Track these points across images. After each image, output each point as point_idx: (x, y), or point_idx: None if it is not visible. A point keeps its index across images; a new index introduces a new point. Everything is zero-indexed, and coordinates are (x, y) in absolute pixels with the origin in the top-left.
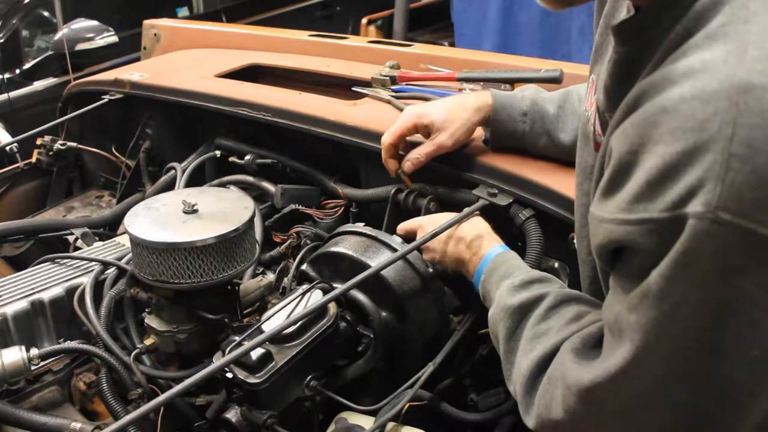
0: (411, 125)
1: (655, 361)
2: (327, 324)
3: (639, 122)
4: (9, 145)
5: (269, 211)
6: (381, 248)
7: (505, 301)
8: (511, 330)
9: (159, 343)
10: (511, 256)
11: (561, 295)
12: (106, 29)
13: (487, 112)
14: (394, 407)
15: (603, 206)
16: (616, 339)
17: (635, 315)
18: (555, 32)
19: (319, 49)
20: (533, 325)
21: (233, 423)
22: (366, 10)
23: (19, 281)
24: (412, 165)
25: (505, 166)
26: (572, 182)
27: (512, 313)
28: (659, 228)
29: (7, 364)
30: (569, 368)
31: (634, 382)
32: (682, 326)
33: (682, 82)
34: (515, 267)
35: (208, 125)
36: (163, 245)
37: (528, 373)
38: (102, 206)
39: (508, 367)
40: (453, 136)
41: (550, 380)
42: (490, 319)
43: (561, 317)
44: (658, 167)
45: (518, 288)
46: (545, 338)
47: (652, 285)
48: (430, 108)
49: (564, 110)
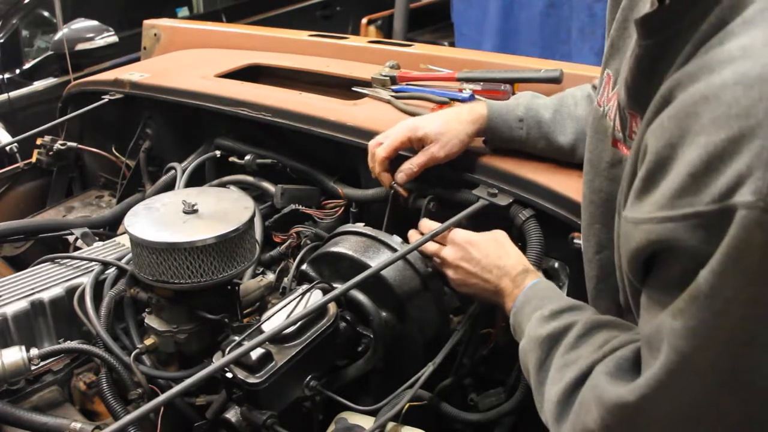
0: (405, 138)
1: (702, 366)
2: (327, 324)
3: (677, 114)
4: (9, 145)
5: (269, 211)
6: (381, 248)
7: (534, 332)
8: (541, 360)
9: (159, 343)
10: (542, 287)
11: (590, 322)
12: (106, 29)
13: (482, 124)
14: (394, 407)
15: (639, 207)
16: (655, 352)
17: (681, 320)
18: (555, 32)
19: (319, 49)
20: (563, 354)
21: (233, 423)
22: (366, 10)
23: (19, 281)
24: (405, 176)
25: (505, 166)
26: (572, 182)
27: (541, 343)
28: (706, 222)
29: (7, 364)
30: (605, 390)
31: (678, 393)
32: (732, 325)
33: (722, 69)
34: (546, 298)
35: (208, 125)
36: (163, 245)
37: (557, 400)
38: (102, 206)
39: (539, 398)
40: (445, 148)
41: (582, 405)
42: (520, 351)
43: (590, 345)
44: (702, 158)
45: (548, 318)
46: (574, 366)
47: (702, 284)
48: (424, 121)
49: (560, 114)
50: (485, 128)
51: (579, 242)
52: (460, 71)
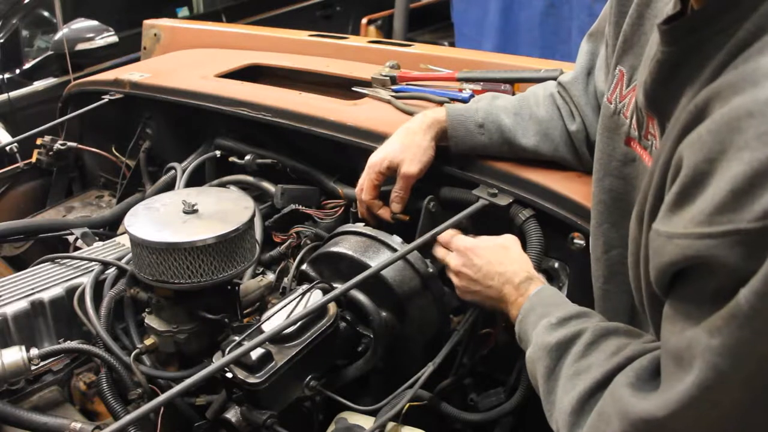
0: (376, 174)
1: (737, 383)
2: (327, 324)
3: (717, 128)
4: (9, 145)
5: (269, 211)
6: (381, 248)
7: (542, 340)
8: (550, 369)
9: (159, 343)
10: (547, 294)
11: (599, 329)
12: (106, 29)
13: (439, 127)
14: (394, 407)
15: (673, 221)
16: (685, 366)
17: (719, 338)
18: (555, 32)
19: (319, 49)
20: (573, 362)
21: (233, 423)
22: (366, 10)
23: (19, 281)
24: (398, 204)
25: (505, 166)
26: (572, 182)
27: (550, 351)
28: (747, 240)
29: (7, 364)
30: (629, 403)
31: (709, 410)
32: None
33: (766, 83)
34: (552, 305)
35: (208, 125)
36: (163, 245)
37: (571, 410)
38: (102, 206)
39: (548, 407)
40: (413, 162)
41: (601, 417)
42: (528, 359)
43: (601, 352)
44: (746, 174)
45: (555, 326)
46: (586, 375)
47: (743, 303)
48: (384, 149)
49: (521, 116)
50: (447, 134)
51: (579, 242)
52: (460, 71)
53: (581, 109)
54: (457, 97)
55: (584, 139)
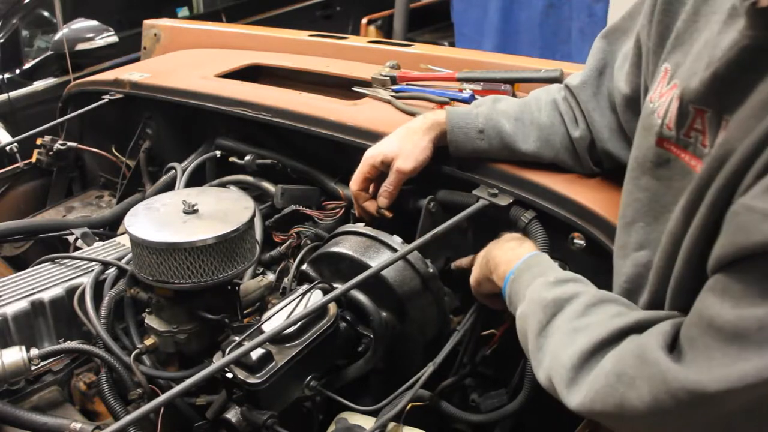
0: (369, 167)
1: None
2: (327, 324)
3: None
4: (9, 145)
5: (269, 211)
6: (381, 248)
7: (538, 296)
8: (543, 324)
9: (159, 344)
10: (544, 258)
11: (599, 294)
12: (106, 29)
13: (440, 129)
14: (395, 407)
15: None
16: (751, 346)
17: None
18: (555, 32)
19: (319, 49)
20: (571, 319)
21: (233, 423)
22: (366, 10)
23: (19, 281)
24: (385, 199)
25: (505, 167)
26: (572, 182)
27: (545, 307)
28: None
29: (7, 364)
30: (670, 369)
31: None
32: None
33: None
34: (549, 268)
35: (208, 125)
36: (163, 245)
37: (570, 365)
38: (102, 206)
39: (535, 363)
40: (408, 159)
41: (620, 378)
42: (519, 315)
43: (602, 313)
44: None
45: (553, 284)
46: (587, 332)
47: None
48: (381, 145)
49: (522, 122)
50: (447, 139)
51: (579, 242)
52: (460, 71)
53: (588, 115)
54: (457, 97)
55: (587, 146)
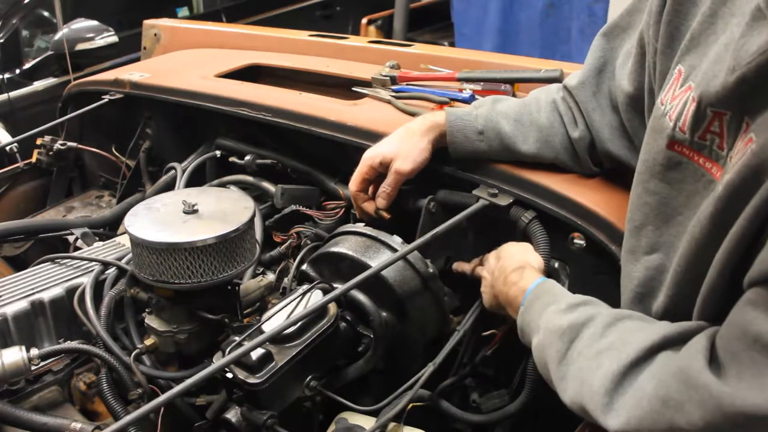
0: (368, 167)
1: None
2: (327, 324)
3: None
4: (9, 145)
5: (269, 211)
6: (381, 248)
7: (553, 325)
8: (562, 352)
9: (159, 344)
10: (551, 285)
11: (614, 313)
12: (106, 29)
13: (439, 130)
14: (395, 407)
15: None
16: None
17: None
18: (555, 32)
19: (319, 49)
20: (592, 343)
21: (233, 423)
22: (366, 10)
23: (19, 281)
24: (383, 200)
25: (505, 167)
26: (572, 182)
27: (562, 335)
28: None
29: (7, 364)
30: (723, 393)
31: None
32: None
33: None
34: (558, 294)
35: (208, 125)
36: (164, 245)
37: (605, 390)
38: (102, 206)
39: (562, 388)
40: (407, 160)
41: (666, 404)
42: (536, 347)
43: (622, 331)
44: None
45: (565, 311)
46: (613, 352)
47: None
48: (380, 146)
49: (521, 123)
50: (446, 139)
51: (579, 242)
52: (460, 71)
53: (588, 115)
54: (457, 97)
55: (587, 146)
